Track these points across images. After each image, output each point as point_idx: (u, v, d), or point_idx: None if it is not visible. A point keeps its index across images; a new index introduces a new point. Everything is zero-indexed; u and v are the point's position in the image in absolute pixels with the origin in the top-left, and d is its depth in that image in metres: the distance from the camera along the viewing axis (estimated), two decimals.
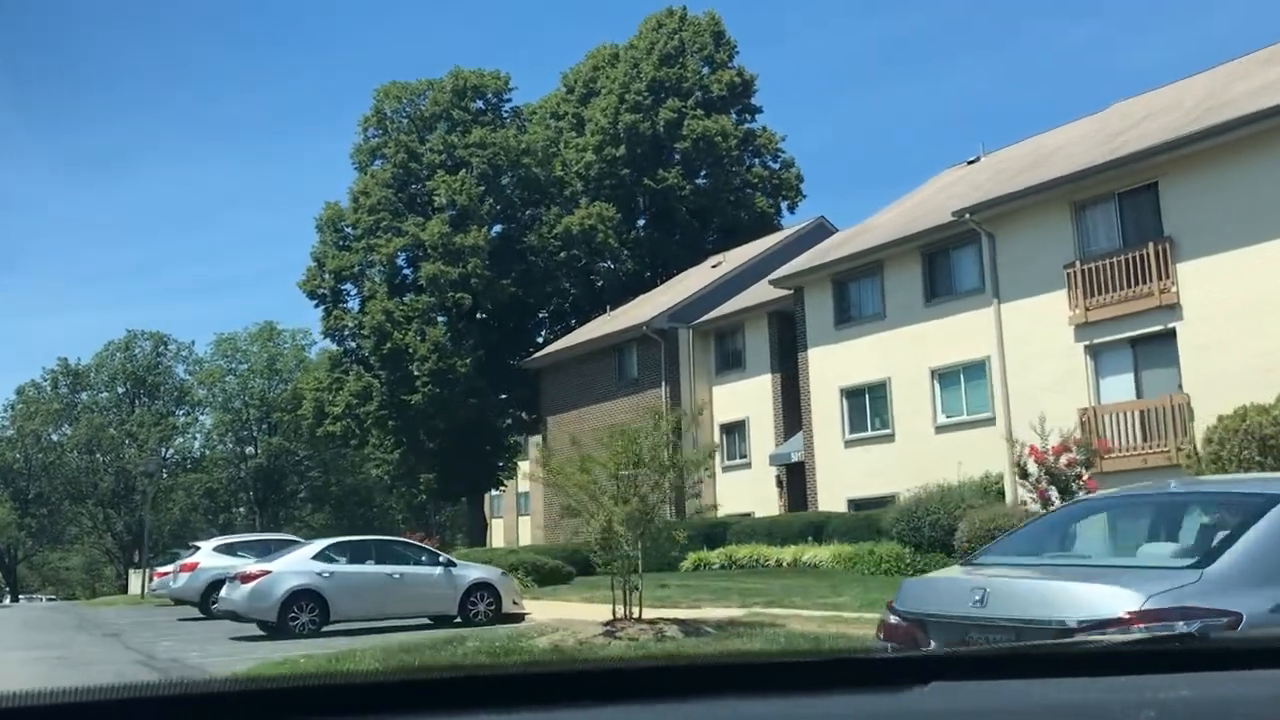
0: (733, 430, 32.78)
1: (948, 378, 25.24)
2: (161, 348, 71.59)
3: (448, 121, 44.08)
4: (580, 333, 39.79)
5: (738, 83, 48.17)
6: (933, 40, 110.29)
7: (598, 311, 42.53)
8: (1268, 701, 1.41)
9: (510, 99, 46.80)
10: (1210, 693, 1.44)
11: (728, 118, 47.32)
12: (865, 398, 27.24)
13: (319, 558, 17.45)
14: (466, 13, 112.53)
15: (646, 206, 48.15)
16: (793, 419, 30.14)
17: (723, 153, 46.40)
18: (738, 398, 32.62)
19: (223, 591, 17.88)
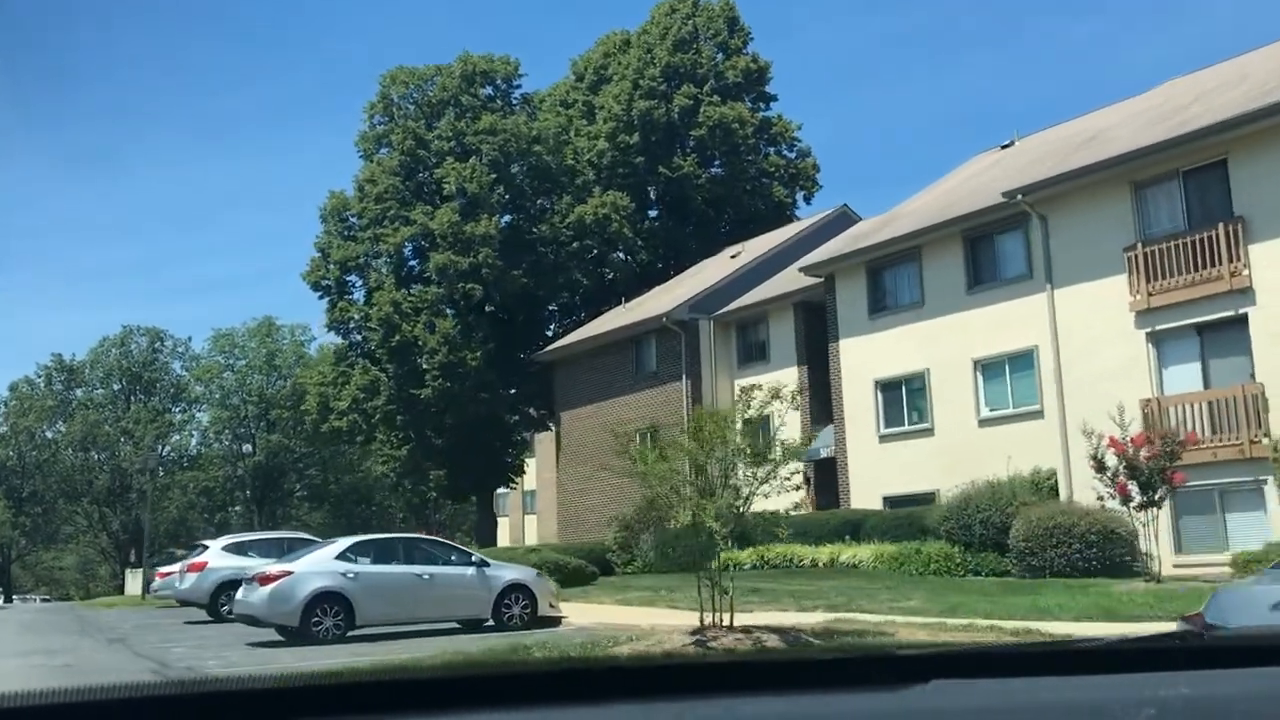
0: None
1: (992, 369, 24.06)
2: (158, 343, 70.38)
3: (456, 108, 42.66)
4: (595, 325, 38.52)
5: (753, 69, 46.90)
6: (935, 37, 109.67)
7: (609, 304, 41.22)
8: (1268, 700, 1.40)
9: (520, 85, 45.42)
10: (1210, 691, 1.42)
11: (743, 105, 46.06)
12: (902, 390, 26.06)
13: (342, 558, 16.21)
14: (470, 1, 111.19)
15: (660, 196, 46.86)
16: (821, 413, 28.92)
17: (739, 140, 45.13)
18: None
19: (238, 594, 16.69)
